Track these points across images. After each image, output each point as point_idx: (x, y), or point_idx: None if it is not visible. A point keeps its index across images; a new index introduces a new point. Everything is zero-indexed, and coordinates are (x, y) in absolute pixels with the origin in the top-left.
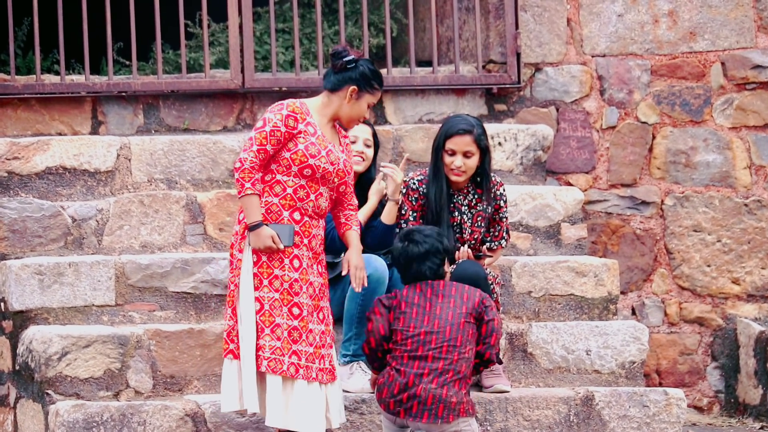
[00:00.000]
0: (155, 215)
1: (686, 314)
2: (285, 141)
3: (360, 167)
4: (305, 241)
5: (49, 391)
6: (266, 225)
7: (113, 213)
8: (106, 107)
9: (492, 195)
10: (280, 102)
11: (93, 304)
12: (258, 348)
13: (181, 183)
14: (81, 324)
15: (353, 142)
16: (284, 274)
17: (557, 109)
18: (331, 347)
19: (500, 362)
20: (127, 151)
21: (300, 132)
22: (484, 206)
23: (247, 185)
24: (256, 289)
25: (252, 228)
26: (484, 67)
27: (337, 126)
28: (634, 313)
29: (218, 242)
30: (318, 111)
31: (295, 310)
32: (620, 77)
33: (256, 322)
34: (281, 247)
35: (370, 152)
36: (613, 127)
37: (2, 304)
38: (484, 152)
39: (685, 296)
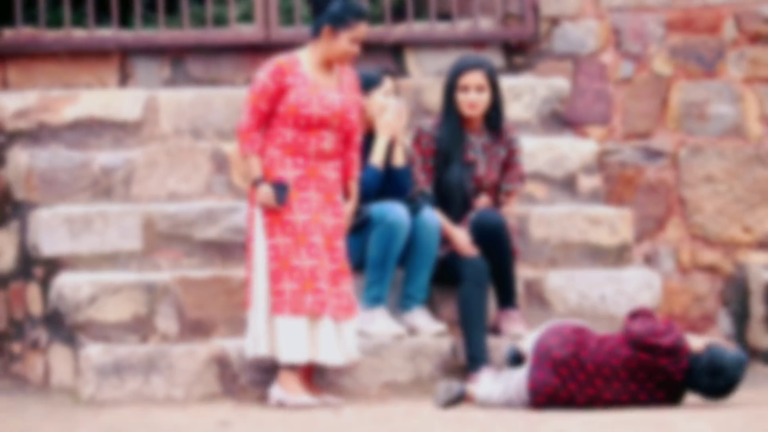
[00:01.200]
0: (182, 165)
1: (698, 262)
2: (277, 96)
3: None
4: (312, 184)
5: (79, 336)
6: (264, 184)
7: (141, 163)
8: (134, 60)
9: (505, 138)
10: (266, 64)
11: (121, 252)
12: (277, 293)
13: (207, 134)
14: (109, 270)
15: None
16: (295, 218)
17: (574, 63)
18: (347, 284)
19: (517, 308)
20: (155, 103)
21: (289, 85)
22: (498, 149)
23: (246, 146)
24: (270, 236)
25: (253, 185)
26: (503, 20)
27: (339, 68)
28: (647, 260)
29: (243, 192)
30: (309, 60)
31: (312, 251)
32: (636, 31)
33: (273, 268)
34: (275, 205)
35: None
36: (629, 80)
37: (34, 251)
38: (495, 88)
39: (698, 245)
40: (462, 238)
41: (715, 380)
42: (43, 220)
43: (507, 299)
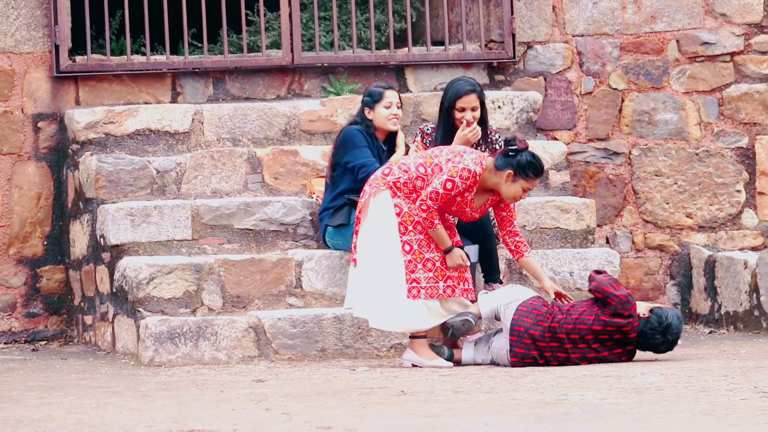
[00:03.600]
0: (223, 167)
1: (650, 242)
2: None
3: (396, 127)
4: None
5: (140, 309)
6: (457, 248)
7: (189, 166)
8: (183, 81)
9: (490, 139)
10: (467, 168)
11: (174, 239)
12: (414, 281)
13: (243, 141)
14: (164, 255)
15: (388, 107)
16: (422, 221)
17: (545, 79)
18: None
19: (501, 282)
20: (200, 116)
21: (462, 193)
22: (482, 148)
23: (435, 222)
24: (402, 234)
25: (446, 251)
26: (486, 45)
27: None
28: (608, 241)
29: (274, 188)
30: (485, 175)
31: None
32: (595, 53)
33: (408, 260)
34: (468, 264)
35: (401, 113)
36: (590, 93)
37: (102, 240)
38: (483, 105)
39: (649, 228)
40: None
41: (666, 335)
42: (109, 214)
43: (492, 275)
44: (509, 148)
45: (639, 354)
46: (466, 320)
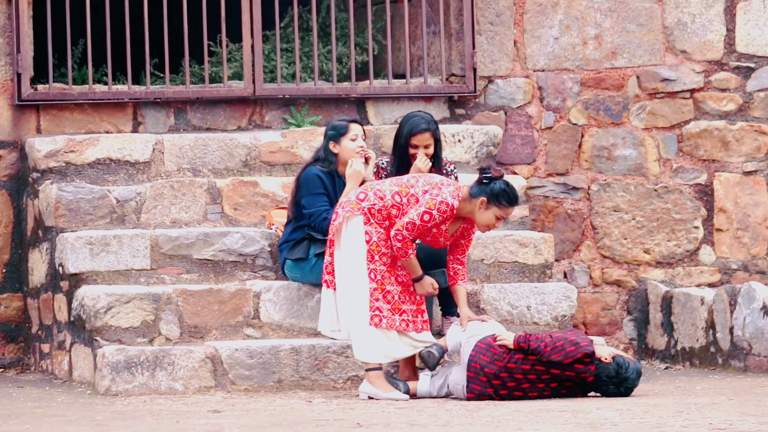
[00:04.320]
0: (183, 197)
1: (607, 277)
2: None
3: (362, 159)
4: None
5: (97, 338)
6: (426, 275)
7: (149, 195)
8: (145, 111)
9: (445, 172)
10: (445, 201)
11: (132, 269)
12: (377, 309)
13: (203, 171)
14: (123, 284)
15: (354, 140)
16: (389, 252)
17: (505, 113)
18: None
19: (458, 316)
20: (161, 146)
21: (438, 225)
22: None
23: (409, 252)
24: (370, 261)
25: (417, 279)
26: (447, 79)
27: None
28: (565, 276)
29: (233, 219)
30: (460, 205)
31: (400, 279)
32: (556, 88)
33: (374, 288)
34: (437, 291)
35: (365, 145)
36: (550, 128)
37: (60, 268)
38: (437, 141)
39: (606, 263)
40: None
41: (620, 388)
42: (69, 242)
43: (450, 308)
44: (484, 176)
45: None
46: (430, 352)
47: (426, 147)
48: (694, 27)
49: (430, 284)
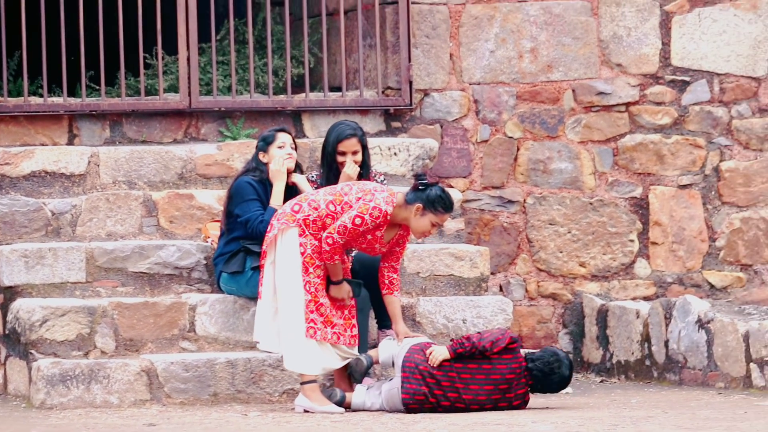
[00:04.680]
0: (118, 210)
1: (543, 291)
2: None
3: (292, 164)
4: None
5: (33, 351)
6: (345, 280)
7: (85, 208)
8: (80, 123)
9: (375, 181)
10: (378, 207)
11: (68, 281)
12: (312, 321)
13: (139, 184)
14: (58, 297)
15: (281, 147)
16: (322, 264)
17: (441, 126)
18: (353, 318)
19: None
20: (96, 159)
21: (373, 231)
22: None
23: (336, 257)
24: (305, 274)
25: (335, 283)
26: (383, 92)
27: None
28: (501, 289)
29: (169, 232)
30: (395, 211)
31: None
32: (492, 101)
33: (309, 300)
34: (350, 302)
35: (295, 154)
36: (486, 141)
37: None
38: (365, 148)
39: (542, 276)
40: None
41: (553, 377)
42: (3, 255)
43: (386, 321)
44: (419, 182)
45: (532, 401)
46: (359, 360)
47: (354, 153)
48: (630, 40)
49: (346, 291)
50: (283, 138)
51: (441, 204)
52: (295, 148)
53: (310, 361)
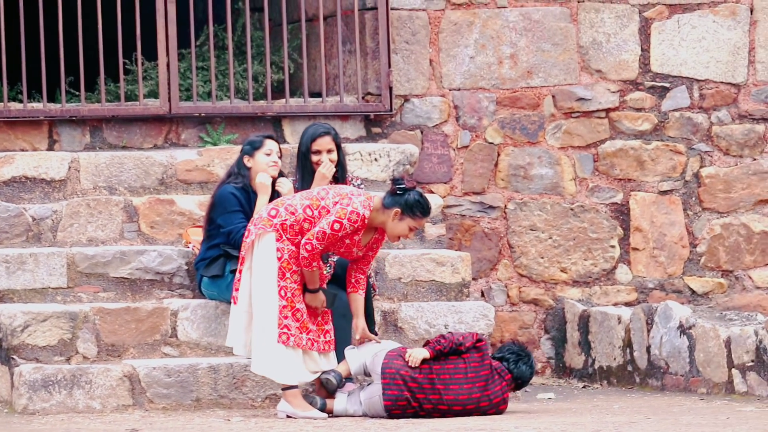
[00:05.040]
0: (99, 215)
1: (524, 296)
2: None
3: (276, 173)
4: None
5: (14, 356)
6: (321, 290)
7: (65, 213)
8: (60, 129)
9: (352, 185)
10: (356, 211)
11: (49, 287)
12: (285, 327)
13: (120, 190)
14: (39, 302)
15: (268, 154)
16: (299, 270)
17: (422, 132)
18: (327, 324)
19: (375, 333)
20: (77, 164)
21: (351, 235)
22: None
23: (314, 263)
24: (280, 279)
25: (311, 291)
26: (363, 97)
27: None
28: (483, 295)
29: (150, 237)
30: (372, 215)
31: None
32: (472, 107)
33: (283, 305)
34: (324, 309)
35: (280, 162)
36: (467, 147)
37: None
38: (339, 148)
39: (524, 282)
40: None
41: (523, 363)
42: None
43: (367, 326)
44: (397, 186)
45: (512, 406)
46: (328, 380)
47: (329, 152)
48: (609, 47)
49: (321, 301)
50: (270, 145)
51: (419, 209)
52: (281, 156)
53: (279, 367)
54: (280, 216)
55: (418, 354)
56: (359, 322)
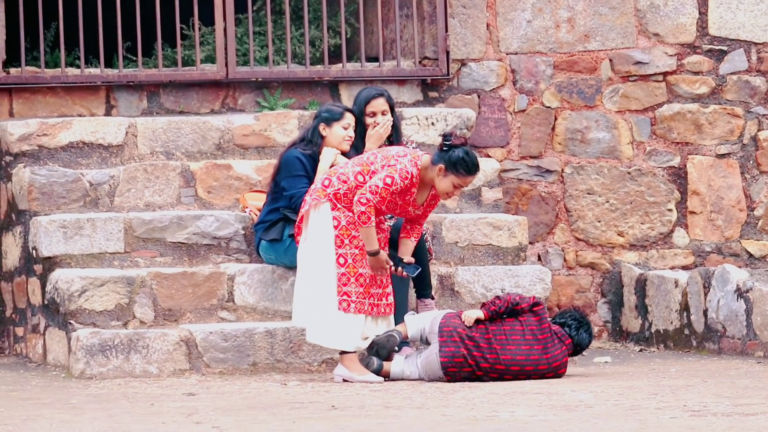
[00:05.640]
0: (156, 180)
1: (581, 260)
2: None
3: (348, 147)
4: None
5: (72, 321)
6: (383, 252)
7: (122, 179)
8: (117, 94)
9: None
10: (404, 168)
11: (106, 252)
12: (345, 294)
13: (176, 155)
14: (97, 267)
15: (345, 128)
16: (358, 236)
17: (479, 96)
18: (389, 286)
19: (432, 298)
20: (134, 129)
21: (404, 194)
22: None
23: (371, 219)
24: (339, 247)
25: (372, 254)
26: (420, 62)
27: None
28: (539, 259)
29: (207, 202)
30: (422, 172)
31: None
32: (529, 71)
33: (342, 273)
34: (390, 268)
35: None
36: (524, 111)
37: (34, 251)
38: (393, 110)
39: (581, 246)
40: None
41: (583, 330)
42: (42, 226)
43: (424, 290)
44: (444, 143)
45: (569, 369)
46: (391, 335)
47: (383, 113)
48: (667, 10)
49: (384, 260)
50: (349, 119)
51: (463, 166)
52: (356, 130)
53: (336, 334)
54: (333, 185)
55: (472, 314)
56: (404, 254)
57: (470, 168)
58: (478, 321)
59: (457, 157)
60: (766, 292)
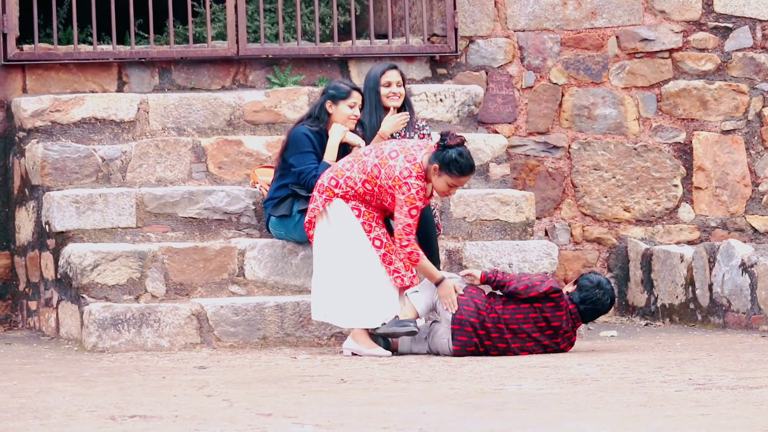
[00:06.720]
0: (167, 156)
1: (588, 235)
2: None
3: (354, 125)
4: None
5: (84, 295)
6: (447, 279)
7: (134, 154)
8: (129, 70)
9: (417, 126)
10: (415, 188)
11: (118, 227)
12: (395, 271)
13: (188, 131)
14: (109, 242)
15: (351, 107)
16: (380, 215)
17: (486, 73)
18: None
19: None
20: (146, 106)
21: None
22: (409, 135)
23: (420, 253)
24: (369, 232)
25: (438, 283)
26: (428, 39)
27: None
28: (546, 234)
29: (218, 178)
30: (425, 173)
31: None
32: (536, 48)
33: (383, 254)
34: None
35: (360, 115)
36: (531, 87)
37: (47, 226)
38: (404, 81)
39: (587, 221)
40: None
41: (600, 292)
42: (55, 201)
43: (433, 265)
44: (440, 142)
45: (576, 345)
46: (412, 330)
47: (398, 85)
48: None
49: (452, 285)
50: (355, 98)
51: (456, 167)
52: (362, 108)
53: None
54: (341, 188)
55: (472, 272)
56: None
57: (463, 169)
58: (490, 295)
59: (450, 158)
60: None
